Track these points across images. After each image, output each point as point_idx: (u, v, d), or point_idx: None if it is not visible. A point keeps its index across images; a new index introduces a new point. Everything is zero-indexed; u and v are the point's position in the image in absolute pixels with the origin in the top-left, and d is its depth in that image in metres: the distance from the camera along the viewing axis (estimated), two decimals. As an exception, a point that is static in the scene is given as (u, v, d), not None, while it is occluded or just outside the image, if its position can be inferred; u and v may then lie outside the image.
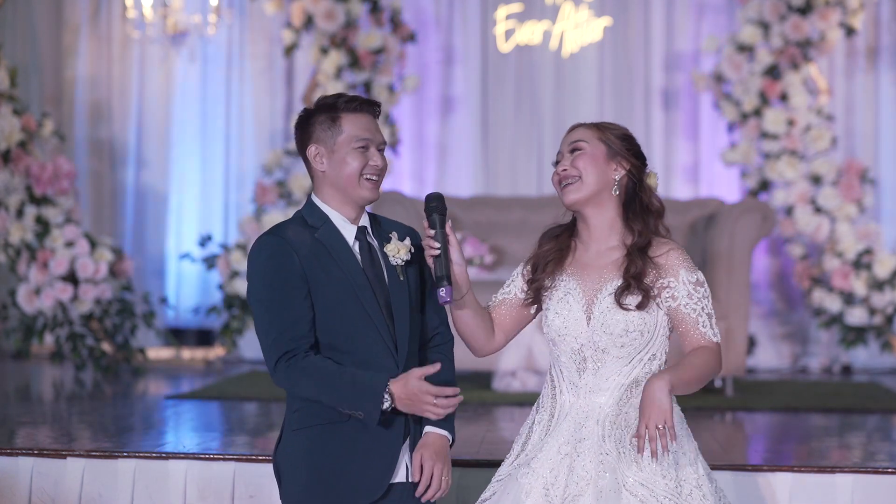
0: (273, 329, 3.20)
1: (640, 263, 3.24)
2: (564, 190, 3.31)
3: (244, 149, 9.51)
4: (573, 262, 3.33)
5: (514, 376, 6.88)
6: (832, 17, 8.43)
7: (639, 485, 3.13)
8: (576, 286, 3.29)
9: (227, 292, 8.54)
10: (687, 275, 3.24)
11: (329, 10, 8.61)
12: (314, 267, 3.23)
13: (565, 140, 3.36)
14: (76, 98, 9.54)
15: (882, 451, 5.11)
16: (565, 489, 3.14)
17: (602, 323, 3.23)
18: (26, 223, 7.94)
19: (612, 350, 3.24)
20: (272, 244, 3.24)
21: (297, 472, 3.26)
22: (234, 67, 9.52)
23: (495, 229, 8.11)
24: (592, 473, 3.14)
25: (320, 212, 3.32)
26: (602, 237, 3.32)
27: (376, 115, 3.36)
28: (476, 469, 4.56)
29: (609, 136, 3.31)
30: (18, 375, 8.03)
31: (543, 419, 3.32)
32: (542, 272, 3.34)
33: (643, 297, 3.21)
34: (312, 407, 3.24)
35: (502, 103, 9.36)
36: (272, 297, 3.21)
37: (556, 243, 3.36)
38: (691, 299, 3.23)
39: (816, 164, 8.42)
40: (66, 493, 4.59)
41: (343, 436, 3.23)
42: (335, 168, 3.30)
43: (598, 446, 3.18)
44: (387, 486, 3.25)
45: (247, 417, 6.20)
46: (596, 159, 3.29)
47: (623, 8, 9.25)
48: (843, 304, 8.32)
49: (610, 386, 3.25)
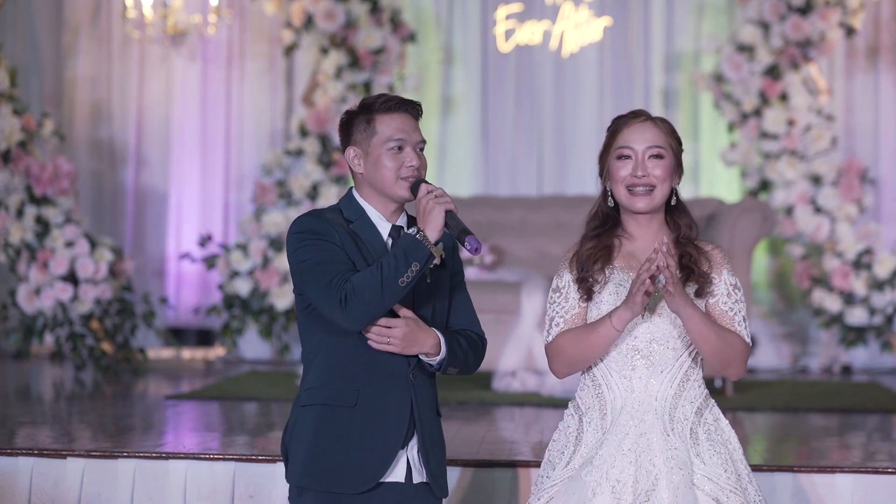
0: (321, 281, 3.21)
1: (695, 252, 3.27)
2: (637, 196, 3.28)
3: (244, 149, 9.51)
4: (621, 255, 3.31)
5: (513, 376, 6.88)
6: (832, 17, 8.43)
7: (705, 479, 3.15)
8: (627, 279, 3.26)
9: (227, 292, 8.54)
10: (728, 276, 3.29)
11: (329, 10, 8.61)
12: (348, 244, 3.26)
13: (638, 134, 3.30)
14: (76, 98, 9.54)
15: (882, 451, 5.11)
16: (635, 485, 3.11)
17: (659, 313, 3.23)
18: (26, 223, 7.94)
19: (668, 341, 3.23)
20: (310, 219, 3.29)
21: (300, 449, 3.29)
22: (234, 67, 9.52)
23: (495, 229, 8.11)
24: (663, 469, 3.12)
25: (358, 207, 3.34)
26: (651, 234, 3.32)
27: (415, 115, 3.35)
28: (476, 469, 4.57)
29: (675, 144, 3.34)
30: (18, 375, 8.03)
31: (594, 419, 3.26)
32: (592, 268, 3.29)
33: (701, 285, 3.25)
34: (324, 387, 3.27)
35: (502, 103, 9.36)
36: (314, 258, 3.23)
37: (598, 241, 3.33)
38: (730, 298, 3.27)
39: (816, 164, 8.42)
40: (66, 493, 4.59)
41: (344, 421, 3.25)
42: (372, 169, 3.31)
43: (664, 441, 3.16)
44: (377, 481, 3.25)
45: (247, 417, 6.20)
46: (670, 171, 3.31)
47: (623, 8, 9.25)
48: (843, 304, 8.33)
49: (665, 379, 3.23)
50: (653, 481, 3.11)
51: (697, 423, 3.22)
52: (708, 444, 3.20)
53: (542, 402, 6.49)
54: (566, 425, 3.32)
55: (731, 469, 3.19)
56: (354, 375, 3.26)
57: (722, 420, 3.28)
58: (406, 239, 3.18)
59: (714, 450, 3.20)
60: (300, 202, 8.52)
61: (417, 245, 3.16)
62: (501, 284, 7.24)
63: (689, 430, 3.20)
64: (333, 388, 3.26)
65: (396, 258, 3.16)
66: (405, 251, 3.16)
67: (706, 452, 3.19)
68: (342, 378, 3.26)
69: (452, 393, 6.65)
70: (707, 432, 3.22)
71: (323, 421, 3.26)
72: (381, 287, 3.16)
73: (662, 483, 3.10)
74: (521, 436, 5.59)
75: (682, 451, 3.15)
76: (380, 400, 3.26)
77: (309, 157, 8.62)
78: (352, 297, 3.16)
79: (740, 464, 3.24)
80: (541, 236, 8.15)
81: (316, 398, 3.28)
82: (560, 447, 3.30)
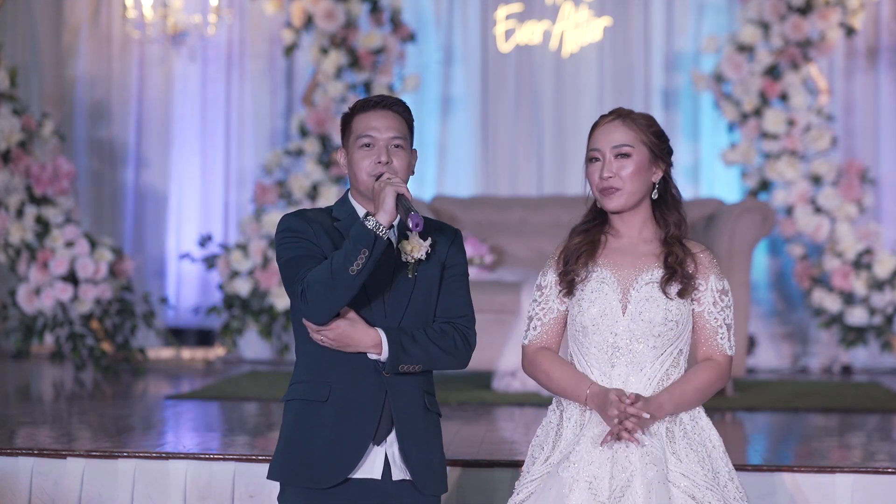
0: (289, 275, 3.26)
1: (681, 252, 3.29)
2: (607, 196, 3.30)
3: (244, 149, 9.51)
4: (605, 252, 3.33)
5: (513, 376, 6.88)
6: (832, 17, 8.43)
7: (680, 475, 3.16)
8: (610, 276, 3.28)
9: (227, 292, 8.54)
10: (716, 281, 3.30)
11: (329, 10, 8.61)
12: (324, 241, 3.28)
13: (604, 136, 3.31)
14: (76, 98, 9.54)
15: (882, 451, 5.11)
16: (611, 481, 3.13)
17: (640, 311, 3.23)
18: (26, 223, 7.94)
19: (648, 340, 3.24)
20: (290, 218, 3.34)
21: (279, 445, 3.34)
22: (234, 67, 9.52)
23: (495, 229, 8.11)
24: (638, 465, 3.13)
25: (349, 207, 3.37)
26: (636, 230, 3.34)
27: (398, 112, 3.35)
28: (476, 469, 4.57)
29: (650, 138, 3.30)
30: (18, 375, 8.03)
31: (574, 414, 3.28)
32: (575, 263, 3.31)
33: (685, 286, 3.26)
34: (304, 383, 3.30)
35: (502, 103, 9.36)
36: (287, 255, 3.28)
37: (586, 236, 3.35)
38: (715, 307, 3.28)
39: (816, 164, 8.42)
40: (66, 493, 4.59)
41: (316, 416, 3.27)
42: (351, 170, 3.35)
43: (640, 438, 3.16)
44: (345, 476, 3.25)
45: (247, 417, 6.20)
46: (640, 168, 3.29)
47: (623, 8, 9.25)
48: (843, 304, 8.32)
49: (644, 377, 3.24)
50: (628, 477, 3.12)
51: (673, 421, 3.24)
52: (684, 441, 3.22)
53: (542, 402, 6.48)
54: (548, 420, 3.35)
55: (707, 466, 3.20)
56: (329, 371, 3.28)
57: (702, 419, 3.29)
58: (355, 227, 3.18)
59: (690, 447, 3.22)
60: (300, 202, 8.52)
61: (365, 231, 3.15)
62: (501, 284, 7.23)
63: (664, 429, 3.22)
64: (309, 383, 3.29)
65: (346, 248, 3.17)
66: (353, 239, 3.16)
67: (682, 450, 3.20)
68: (318, 373, 3.29)
69: (452, 393, 6.66)
70: (683, 431, 3.24)
71: (298, 416, 3.29)
72: (332, 277, 3.15)
73: (637, 479, 3.11)
74: (521, 436, 5.58)
75: (658, 448, 3.16)
76: (352, 395, 3.27)
77: (309, 157, 8.62)
78: (307, 291, 3.18)
79: (719, 461, 3.25)
80: (541, 236, 8.14)
81: (295, 394, 3.33)
82: (540, 441, 3.33)
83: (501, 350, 6.88)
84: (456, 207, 8.15)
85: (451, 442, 5.04)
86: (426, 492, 3.31)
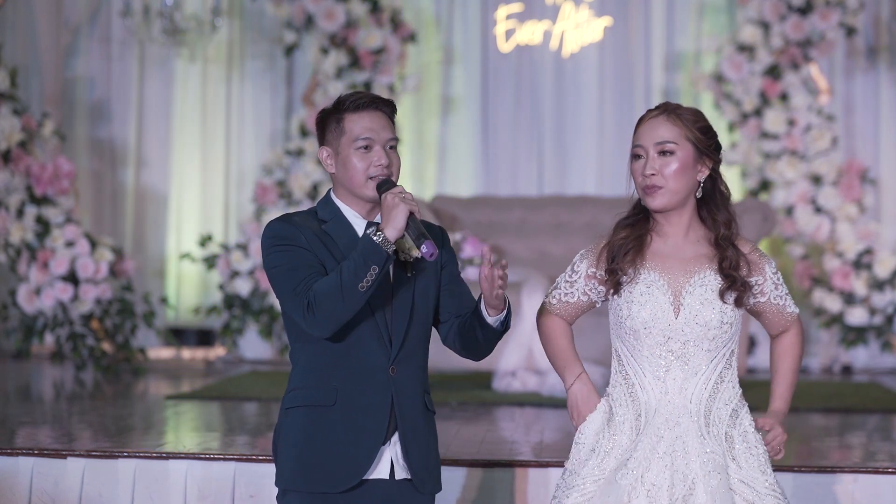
0: (288, 286, 3.21)
1: (734, 255, 3.20)
2: (649, 194, 3.19)
3: (244, 149, 9.51)
4: (651, 253, 3.22)
5: (514, 376, 6.88)
6: (832, 17, 8.43)
7: (741, 483, 3.11)
8: (658, 278, 3.18)
9: (227, 292, 8.54)
10: (770, 269, 3.26)
11: (329, 10, 8.61)
12: (317, 247, 3.25)
13: (648, 132, 3.20)
14: (76, 98, 9.54)
15: (882, 451, 5.11)
16: (670, 489, 3.07)
17: (695, 315, 3.16)
18: (26, 223, 7.94)
19: (703, 343, 3.17)
20: (278, 224, 3.29)
21: (287, 453, 3.29)
22: (234, 67, 9.52)
23: (495, 229, 8.11)
24: (699, 472, 3.08)
25: (334, 207, 3.33)
26: (682, 231, 3.24)
27: (388, 112, 3.33)
28: (476, 469, 4.57)
29: (696, 134, 3.18)
30: (18, 375, 8.03)
31: (629, 418, 3.19)
32: (623, 260, 3.20)
33: (741, 293, 3.19)
34: (307, 389, 3.27)
35: (502, 103, 9.36)
36: (282, 264, 3.23)
37: (632, 231, 3.24)
38: (777, 289, 3.27)
39: (816, 164, 8.42)
40: (66, 493, 4.59)
41: (325, 420, 3.24)
42: (342, 170, 3.30)
43: (700, 444, 3.11)
44: (360, 478, 3.24)
45: (247, 417, 6.20)
46: (685, 166, 3.17)
47: (623, 8, 9.25)
48: (844, 304, 8.33)
49: (700, 381, 3.18)
50: (689, 486, 3.06)
51: (732, 425, 3.18)
52: (744, 446, 3.16)
53: (543, 402, 6.48)
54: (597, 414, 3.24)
55: (768, 472, 3.15)
56: (333, 374, 3.25)
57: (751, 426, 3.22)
58: (364, 241, 3.15)
59: (750, 453, 3.16)
60: (300, 202, 8.52)
61: (375, 248, 3.12)
62: (501, 284, 7.22)
63: (724, 433, 3.16)
64: (313, 388, 3.26)
65: (356, 263, 3.14)
66: (364, 255, 3.13)
67: (742, 456, 3.14)
68: (321, 378, 3.26)
69: (452, 393, 6.65)
70: (742, 434, 3.18)
71: (305, 422, 3.26)
72: (342, 294, 3.13)
73: (700, 487, 3.06)
74: (521, 436, 5.59)
75: (719, 454, 3.11)
76: (359, 397, 3.25)
77: (309, 157, 8.62)
78: (314, 305, 3.15)
79: (769, 468, 3.19)
80: (541, 236, 8.15)
81: (298, 400, 3.28)
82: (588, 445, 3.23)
83: (501, 350, 6.87)
84: (456, 207, 8.15)
85: (451, 442, 5.04)
86: (424, 490, 3.31)
